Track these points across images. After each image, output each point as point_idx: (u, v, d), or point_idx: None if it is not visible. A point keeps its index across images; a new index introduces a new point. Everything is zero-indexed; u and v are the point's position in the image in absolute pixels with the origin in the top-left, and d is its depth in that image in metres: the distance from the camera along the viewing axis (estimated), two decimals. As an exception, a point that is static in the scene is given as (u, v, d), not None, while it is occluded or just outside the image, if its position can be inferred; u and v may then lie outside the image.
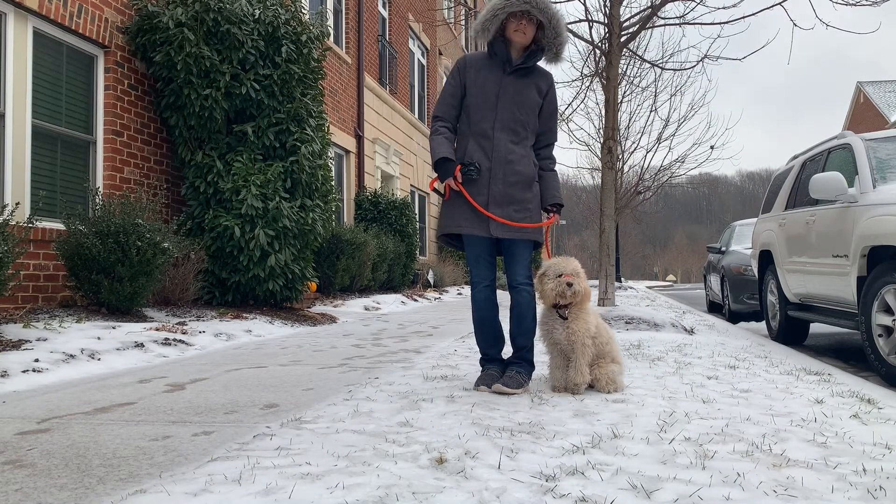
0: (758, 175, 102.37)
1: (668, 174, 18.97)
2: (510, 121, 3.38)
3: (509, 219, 3.31)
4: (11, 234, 4.56)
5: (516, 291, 3.42)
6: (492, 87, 3.39)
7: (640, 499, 1.86)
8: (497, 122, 3.37)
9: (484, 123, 3.38)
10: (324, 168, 7.69)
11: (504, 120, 3.37)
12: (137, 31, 6.83)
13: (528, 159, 3.40)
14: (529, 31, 3.33)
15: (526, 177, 3.38)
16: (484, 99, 3.39)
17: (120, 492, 1.95)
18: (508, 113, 3.38)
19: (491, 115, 3.37)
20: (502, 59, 3.41)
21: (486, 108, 3.38)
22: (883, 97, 34.40)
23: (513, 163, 3.36)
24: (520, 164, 3.37)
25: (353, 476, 2.04)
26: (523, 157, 3.39)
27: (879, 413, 2.96)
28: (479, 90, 3.40)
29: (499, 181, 3.32)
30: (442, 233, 3.51)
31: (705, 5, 8.34)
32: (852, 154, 5.43)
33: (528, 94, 3.41)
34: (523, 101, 3.40)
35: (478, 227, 3.35)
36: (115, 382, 3.73)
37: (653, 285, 38.25)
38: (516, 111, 3.38)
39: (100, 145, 6.59)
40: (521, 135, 3.40)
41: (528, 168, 3.39)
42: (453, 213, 3.42)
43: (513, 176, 3.35)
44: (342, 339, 5.95)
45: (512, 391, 3.27)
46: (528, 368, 3.47)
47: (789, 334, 6.70)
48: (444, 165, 3.35)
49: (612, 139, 7.92)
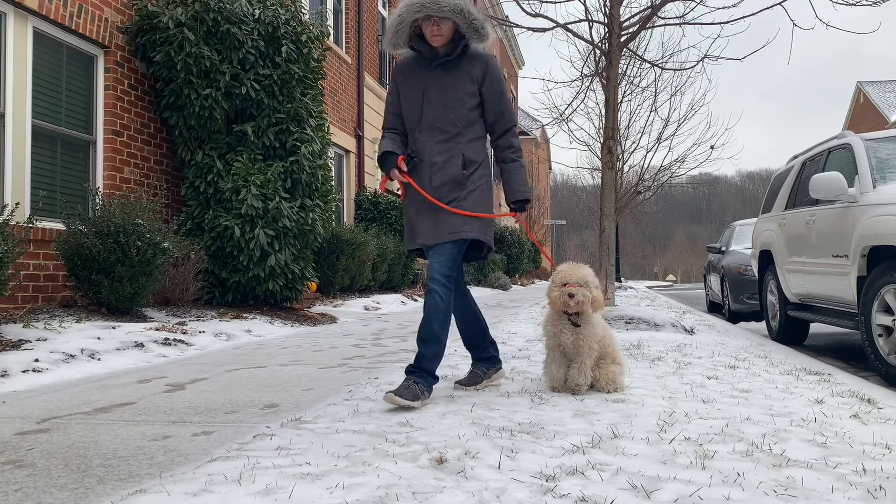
0: (758, 175, 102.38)
1: (668, 174, 18.96)
2: (436, 120, 3.20)
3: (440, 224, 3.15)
4: (11, 234, 4.55)
5: (430, 287, 3.14)
6: (416, 89, 3.24)
7: (640, 499, 1.86)
8: (422, 124, 3.22)
9: (413, 127, 3.27)
10: (324, 168, 7.69)
11: (428, 120, 3.21)
12: (137, 31, 6.83)
13: (457, 158, 3.19)
14: (445, 29, 3.13)
15: (452, 176, 3.18)
16: (410, 103, 3.26)
17: (120, 492, 1.95)
18: (435, 112, 3.20)
19: (416, 117, 3.24)
20: (427, 57, 3.23)
21: (413, 111, 3.25)
22: (883, 97, 34.42)
23: (436, 165, 3.19)
24: (446, 165, 3.19)
25: (353, 476, 2.04)
26: (452, 158, 3.19)
27: (879, 413, 2.96)
28: (406, 94, 3.28)
29: (426, 186, 3.18)
30: (407, 249, 3.44)
31: (705, 5, 8.34)
32: (852, 154, 5.43)
33: (459, 87, 3.19)
34: (453, 97, 3.19)
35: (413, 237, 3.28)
36: (115, 382, 3.73)
37: (653, 285, 38.26)
38: (443, 109, 3.19)
39: (100, 145, 6.58)
40: (450, 132, 3.20)
41: (454, 168, 3.19)
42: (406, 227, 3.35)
43: (437, 179, 3.18)
44: (342, 339, 5.95)
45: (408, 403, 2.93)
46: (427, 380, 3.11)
47: (789, 334, 6.70)
48: (387, 158, 3.23)
49: (612, 139, 7.92)
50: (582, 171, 25.97)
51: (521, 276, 25.93)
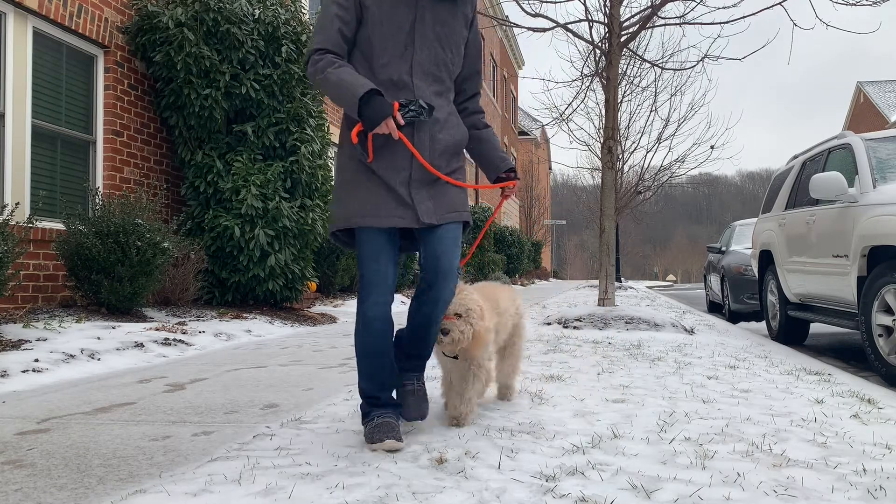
0: (758, 175, 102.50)
1: (668, 174, 18.96)
2: (431, 63, 2.43)
3: (439, 196, 2.42)
4: (11, 234, 4.55)
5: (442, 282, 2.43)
6: (404, 12, 2.39)
7: (640, 499, 1.86)
8: (415, 65, 2.40)
9: (394, 67, 2.38)
10: (324, 168, 7.70)
11: (423, 62, 2.41)
12: (137, 31, 6.83)
13: (455, 117, 2.54)
14: None
15: (457, 142, 2.50)
16: (393, 30, 2.38)
17: (120, 492, 1.95)
18: (429, 51, 2.42)
19: (405, 53, 2.39)
20: None
21: (395, 43, 2.38)
22: (883, 97, 34.44)
23: (439, 123, 2.43)
24: (448, 123, 2.48)
25: (353, 476, 2.04)
26: (451, 115, 2.51)
27: (879, 413, 2.96)
28: (386, 16, 2.38)
29: (425, 149, 2.39)
30: (341, 227, 2.43)
31: (705, 5, 8.34)
32: (852, 154, 5.43)
33: (454, 25, 2.49)
34: (448, 35, 2.47)
35: (400, 213, 2.36)
36: (115, 382, 3.73)
37: (653, 285, 38.27)
38: (439, 49, 2.44)
39: (99, 145, 6.59)
40: (445, 84, 2.49)
41: (458, 129, 2.52)
42: (359, 195, 2.39)
43: (441, 143, 2.43)
44: (342, 339, 5.95)
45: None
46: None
47: (789, 334, 6.70)
48: (375, 102, 2.25)
49: (613, 139, 7.92)
50: (582, 171, 25.97)
51: (522, 275, 25.94)
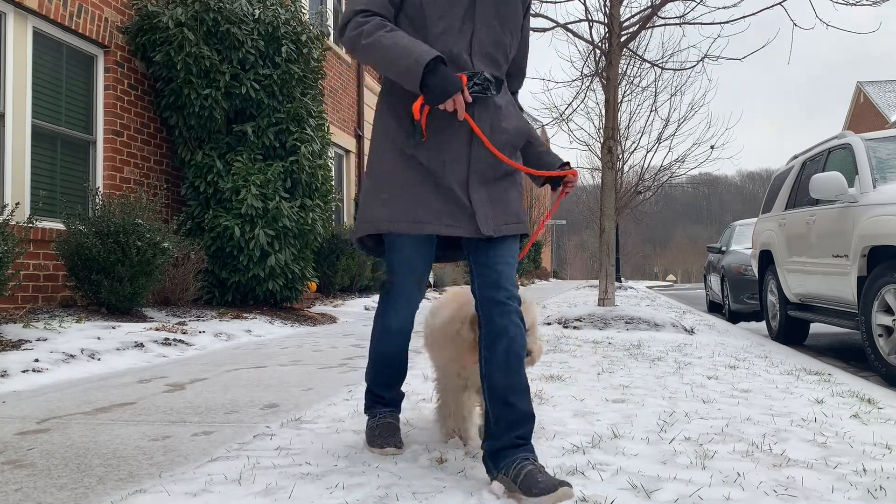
0: (758, 175, 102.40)
1: (668, 174, 18.96)
2: (490, 43, 2.08)
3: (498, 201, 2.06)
4: (11, 234, 4.55)
5: (503, 309, 1.99)
6: None
7: (640, 499, 1.86)
8: (475, 43, 2.06)
9: (451, 39, 2.04)
10: (324, 168, 7.70)
11: (483, 41, 2.07)
12: (137, 31, 6.83)
13: (514, 107, 2.22)
14: None
15: (520, 132, 2.17)
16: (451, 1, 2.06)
17: (120, 492, 1.95)
18: (489, 29, 2.08)
19: (463, 28, 2.05)
20: None
21: (452, 15, 2.04)
22: (883, 97, 34.41)
23: (500, 109, 2.10)
24: (507, 112, 2.14)
25: (353, 476, 2.04)
26: (509, 104, 2.18)
27: (879, 413, 2.96)
28: None
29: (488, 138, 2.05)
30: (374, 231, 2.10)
31: (705, 5, 8.37)
32: (852, 154, 5.43)
33: (515, 5, 2.16)
34: (509, 16, 2.13)
35: (450, 218, 2.00)
36: (115, 382, 3.73)
37: (653, 285, 38.24)
38: (499, 29, 2.10)
39: (100, 145, 6.58)
40: (501, 69, 2.13)
41: (520, 119, 2.20)
42: (402, 193, 2.04)
43: (503, 132, 2.09)
44: (342, 339, 5.95)
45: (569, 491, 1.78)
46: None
47: (789, 334, 6.70)
48: (442, 71, 1.92)
49: (613, 139, 7.92)
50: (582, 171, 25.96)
51: (522, 275, 25.96)
